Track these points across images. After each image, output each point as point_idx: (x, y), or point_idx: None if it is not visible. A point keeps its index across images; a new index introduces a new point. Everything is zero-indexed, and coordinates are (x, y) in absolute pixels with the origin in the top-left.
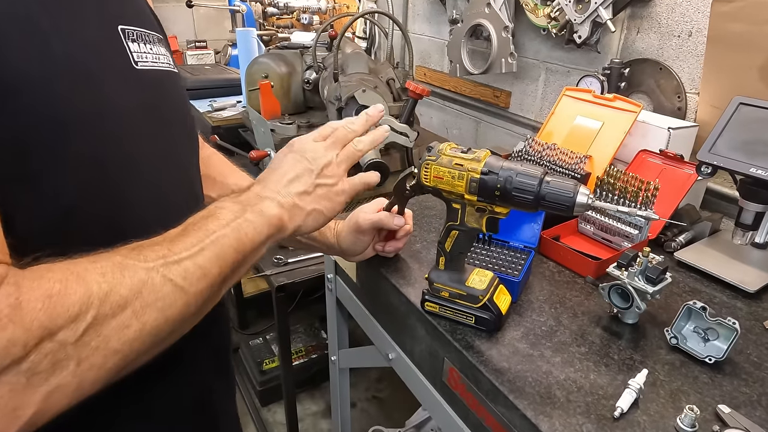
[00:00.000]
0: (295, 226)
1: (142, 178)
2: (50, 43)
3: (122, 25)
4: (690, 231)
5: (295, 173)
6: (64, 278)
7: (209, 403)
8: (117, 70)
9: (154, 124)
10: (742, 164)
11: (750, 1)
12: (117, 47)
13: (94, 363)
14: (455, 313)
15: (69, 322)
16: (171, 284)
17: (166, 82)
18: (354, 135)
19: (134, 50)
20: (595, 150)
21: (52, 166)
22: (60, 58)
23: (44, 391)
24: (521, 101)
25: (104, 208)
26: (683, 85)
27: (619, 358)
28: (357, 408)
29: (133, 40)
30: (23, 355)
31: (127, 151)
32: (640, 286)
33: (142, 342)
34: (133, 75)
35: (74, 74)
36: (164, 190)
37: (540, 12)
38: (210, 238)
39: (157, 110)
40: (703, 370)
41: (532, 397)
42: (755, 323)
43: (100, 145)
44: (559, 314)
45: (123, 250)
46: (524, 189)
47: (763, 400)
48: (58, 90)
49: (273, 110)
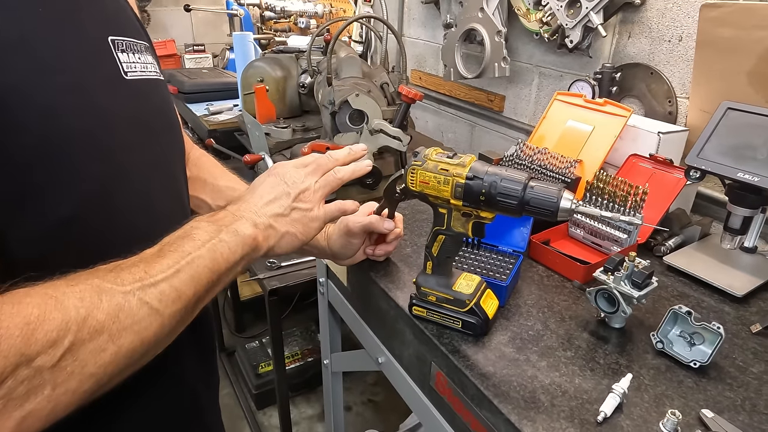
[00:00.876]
0: (269, 246)
1: (132, 187)
2: (43, 59)
3: (112, 35)
4: (680, 235)
5: (273, 195)
6: (43, 303)
7: (197, 405)
8: (108, 81)
9: (142, 133)
10: (730, 169)
11: (738, 6)
12: (107, 58)
13: (69, 387)
14: (442, 317)
15: (47, 347)
16: (147, 307)
17: (153, 91)
18: (335, 164)
19: (123, 60)
20: (585, 154)
21: (54, 179)
22: (53, 73)
23: (18, 416)
24: (515, 105)
25: (98, 218)
26: (674, 89)
27: (605, 362)
28: (352, 412)
29: (122, 50)
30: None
31: (118, 161)
32: (626, 290)
33: (117, 365)
34: (123, 85)
35: (68, 88)
36: (153, 197)
37: (532, 17)
38: (185, 260)
39: (145, 119)
40: (688, 374)
41: (516, 402)
42: (742, 327)
43: (94, 157)
44: (546, 318)
45: (101, 272)
46: (508, 194)
47: (746, 405)
48: (54, 104)
49: (268, 114)
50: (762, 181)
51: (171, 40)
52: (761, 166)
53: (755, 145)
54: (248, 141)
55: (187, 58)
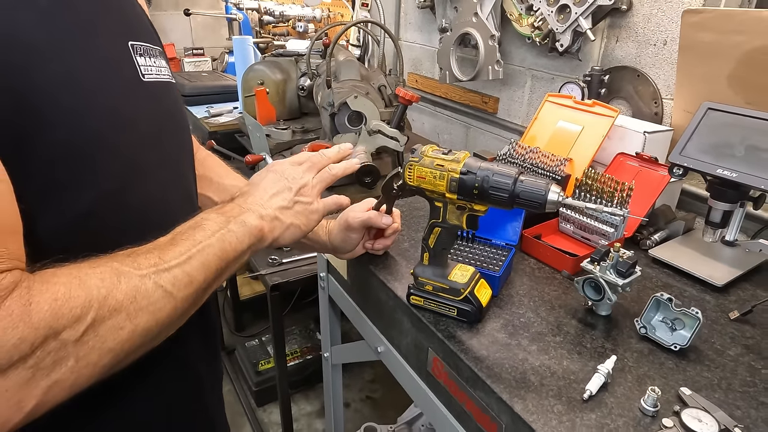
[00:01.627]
0: (273, 237)
1: (147, 185)
2: (69, 63)
3: (131, 40)
4: (665, 230)
5: (276, 189)
6: (68, 282)
7: (199, 386)
8: (127, 83)
9: (156, 133)
10: (710, 165)
11: (718, 12)
12: (127, 62)
13: (90, 360)
14: (438, 305)
15: (72, 322)
16: (161, 290)
17: (166, 93)
18: (328, 161)
19: (141, 64)
20: (575, 153)
21: (75, 177)
22: (78, 76)
23: (45, 385)
24: (508, 107)
25: (114, 213)
26: (659, 91)
27: (592, 346)
28: (351, 408)
29: (140, 54)
30: (30, 352)
31: (135, 160)
32: (611, 279)
33: (133, 342)
34: (141, 87)
35: (91, 90)
36: (165, 194)
37: (524, 21)
38: (197, 248)
39: (159, 120)
40: (669, 357)
41: (508, 382)
42: (721, 315)
43: (113, 156)
44: (537, 307)
45: (119, 257)
46: (500, 187)
47: (722, 384)
48: (79, 106)
49: (268, 116)
50: (740, 177)
51: (170, 44)
52: (739, 163)
53: (733, 143)
54: (248, 142)
55: (187, 61)
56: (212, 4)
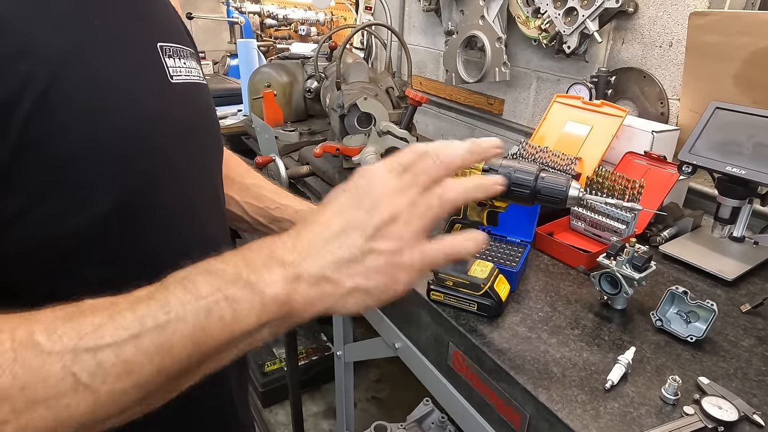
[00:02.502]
0: (316, 311)
1: (173, 184)
2: (93, 66)
3: (161, 42)
4: (674, 227)
5: (339, 226)
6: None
7: (232, 403)
8: (155, 85)
9: (185, 133)
10: (719, 163)
11: (723, 14)
12: (156, 63)
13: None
14: (459, 300)
15: None
16: (72, 379)
17: (196, 94)
18: (446, 172)
19: (170, 65)
20: (584, 152)
21: (95, 176)
22: (101, 78)
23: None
24: (514, 108)
25: (138, 213)
26: (665, 91)
27: (610, 339)
28: (358, 408)
29: (169, 56)
30: None
31: (160, 160)
32: (628, 273)
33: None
34: (168, 88)
35: (114, 90)
36: (191, 193)
37: (531, 24)
38: (156, 320)
39: (188, 120)
40: (685, 348)
41: (531, 373)
42: (733, 308)
43: (136, 155)
44: (554, 302)
45: (58, 313)
46: (522, 184)
47: (738, 373)
48: (100, 106)
49: (276, 118)
50: (748, 174)
51: None
52: (747, 160)
53: (741, 141)
54: (254, 144)
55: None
56: (213, 7)
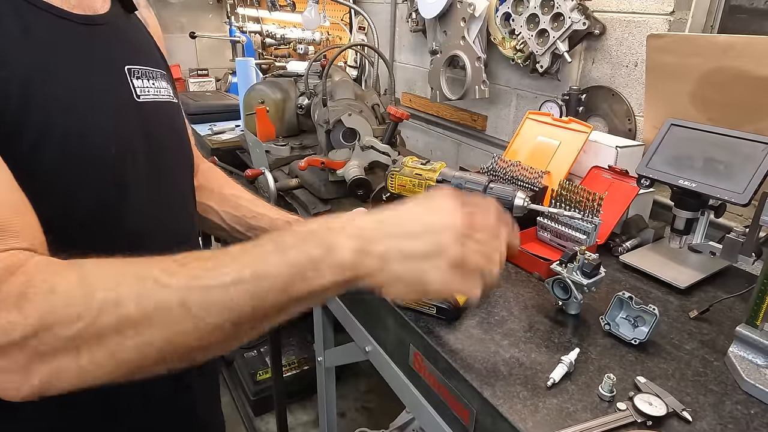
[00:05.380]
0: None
1: (139, 192)
2: (59, 90)
3: (129, 65)
4: (636, 237)
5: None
6: (72, 279)
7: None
8: (122, 103)
9: (151, 146)
10: (673, 176)
11: (678, 37)
12: (123, 84)
13: (93, 360)
14: (419, 304)
15: (66, 320)
16: (184, 310)
17: (164, 111)
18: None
19: (137, 85)
20: (553, 166)
21: (72, 187)
22: (68, 102)
23: (44, 371)
24: (496, 124)
25: (111, 218)
26: (632, 109)
27: (559, 341)
28: (346, 418)
29: (137, 77)
30: (20, 338)
31: (127, 170)
32: (577, 279)
33: (143, 356)
34: (134, 106)
35: (82, 111)
36: (159, 202)
37: (507, 44)
38: (254, 271)
39: (155, 135)
40: (630, 350)
41: (479, 372)
42: (682, 314)
43: (106, 171)
44: (511, 307)
45: (158, 261)
46: (472, 193)
47: (676, 374)
48: (70, 126)
49: (268, 133)
50: (698, 187)
51: (176, 65)
52: (698, 174)
53: (693, 156)
54: (249, 158)
55: (191, 81)
56: (217, 27)
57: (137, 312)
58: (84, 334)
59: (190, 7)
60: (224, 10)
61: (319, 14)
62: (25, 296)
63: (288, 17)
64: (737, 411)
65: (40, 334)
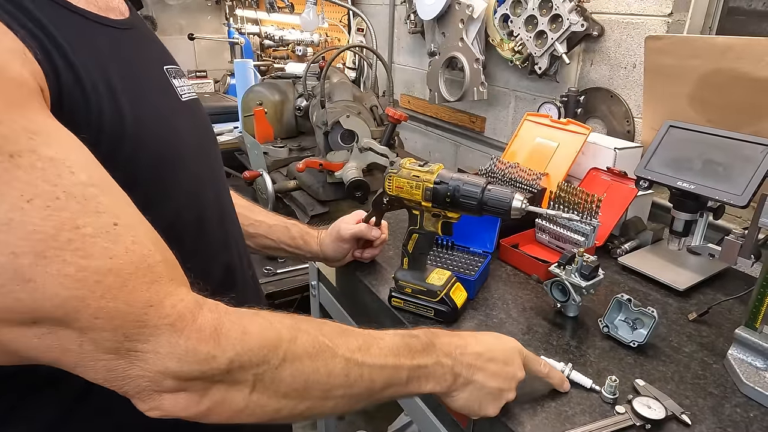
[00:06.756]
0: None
1: (207, 193)
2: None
3: (166, 65)
4: (635, 239)
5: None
6: (262, 323)
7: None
8: (175, 106)
9: (200, 146)
10: (671, 178)
11: (676, 38)
12: (169, 86)
13: (260, 399)
14: (417, 307)
15: (258, 360)
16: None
17: (200, 109)
18: None
19: (177, 85)
20: (551, 168)
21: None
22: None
23: (217, 397)
24: (494, 126)
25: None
26: (630, 110)
27: (558, 344)
28: (345, 420)
29: (173, 77)
30: (215, 369)
31: (194, 172)
32: (576, 281)
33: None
34: (182, 107)
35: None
36: (220, 200)
37: (506, 46)
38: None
39: (199, 135)
40: (628, 353)
41: None
42: (681, 316)
43: (182, 171)
44: (510, 309)
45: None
46: (469, 195)
47: (675, 377)
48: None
49: (266, 134)
50: (697, 189)
51: None
52: (696, 176)
53: (691, 158)
54: (247, 160)
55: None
56: (216, 28)
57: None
58: (265, 376)
59: (188, 9)
60: (223, 12)
61: (318, 16)
62: (219, 331)
63: (286, 19)
64: (736, 414)
65: (233, 369)
